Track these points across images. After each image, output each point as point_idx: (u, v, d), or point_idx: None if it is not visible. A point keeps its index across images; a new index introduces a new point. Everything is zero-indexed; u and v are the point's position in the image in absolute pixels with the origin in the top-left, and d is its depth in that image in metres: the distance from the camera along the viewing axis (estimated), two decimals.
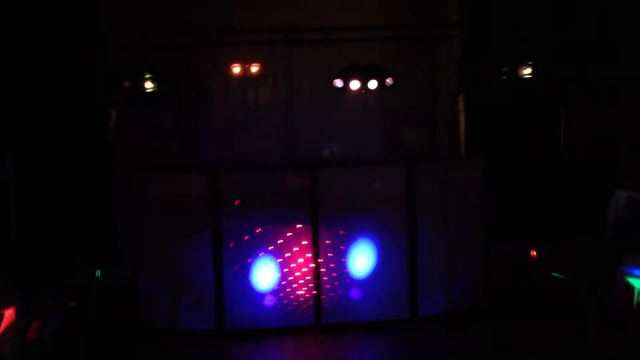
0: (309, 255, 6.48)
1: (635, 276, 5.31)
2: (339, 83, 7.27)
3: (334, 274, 6.52)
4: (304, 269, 6.50)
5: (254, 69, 8.34)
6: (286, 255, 6.48)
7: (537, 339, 5.95)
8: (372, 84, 7.42)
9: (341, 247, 6.53)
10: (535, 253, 6.89)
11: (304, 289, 6.51)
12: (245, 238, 6.39)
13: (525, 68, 7.30)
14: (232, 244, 6.36)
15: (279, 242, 6.45)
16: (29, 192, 7.55)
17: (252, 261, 6.42)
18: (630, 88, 8.43)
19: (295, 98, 8.63)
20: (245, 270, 6.42)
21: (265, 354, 6.09)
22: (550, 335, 5.99)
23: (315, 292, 6.47)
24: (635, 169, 8.25)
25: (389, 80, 7.53)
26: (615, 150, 8.63)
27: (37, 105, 7.65)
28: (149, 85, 7.64)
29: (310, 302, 6.48)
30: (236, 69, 8.29)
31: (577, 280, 6.55)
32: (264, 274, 6.45)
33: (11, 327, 4.29)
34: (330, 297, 6.53)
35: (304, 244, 6.48)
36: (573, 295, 6.06)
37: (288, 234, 6.47)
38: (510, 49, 7.71)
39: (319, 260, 6.47)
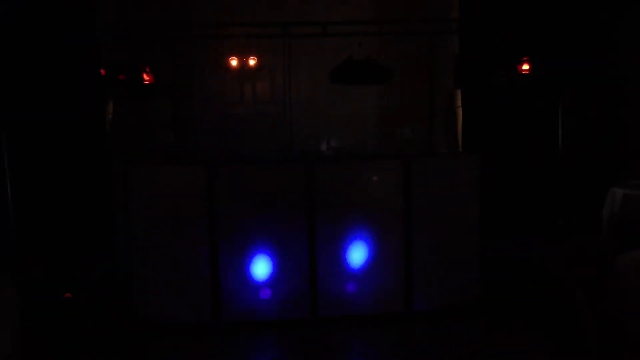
0: (304, 248, 6.48)
1: None
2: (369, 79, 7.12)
3: (329, 267, 6.52)
4: (300, 262, 6.50)
5: (252, 62, 8.36)
6: (282, 248, 6.48)
7: (531, 337, 5.95)
8: (370, 79, 7.43)
9: (337, 241, 6.52)
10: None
11: (299, 282, 6.51)
12: (241, 230, 6.38)
13: (524, 65, 7.31)
14: (227, 237, 6.35)
15: (275, 235, 6.45)
16: (24, 184, 7.52)
17: (249, 254, 6.42)
18: (629, 85, 8.42)
19: (292, 92, 8.66)
20: (241, 263, 6.42)
21: (261, 346, 6.09)
22: (544, 334, 6.00)
23: (310, 285, 6.47)
24: (632, 167, 8.26)
25: (386, 75, 7.55)
26: (614, 148, 8.63)
27: (32, 97, 7.60)
28: (146, 78, 7.64)
29: (306, 296, 6.49)
30: (233, 62, 8.31)
31: (572, 278, 6.58)
32: (260, 267, 6.46)
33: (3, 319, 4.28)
34: (326, 290, 6.53)
35: (300, 237, 6.47)
36: (568, 293, 6.10)
37: (284, 227, 6.45)
38: (509, 45, 7.73)
39: (315, 253, 6.47)
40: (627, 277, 5.17)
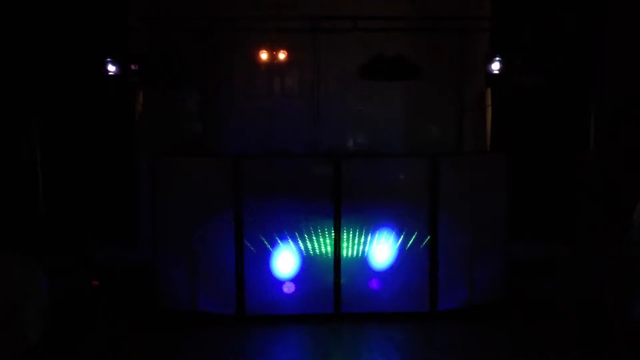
0: (329, 244, 6.46)
1: None
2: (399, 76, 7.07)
3: (354, 264, 6.50)
4: (325, 258, 6.49)
5: (281, 56, 8.34)
6: (307, 243, 6.48)
7: (556, 339, 5.88)
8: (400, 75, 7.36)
9: (362, 238, 6.51)
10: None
11: (324, 277, 6.50)
12: (267, 225, 6.39)
13: (556, 63, 7.19)
14: (252, 231, 6.36)
15: (300, 229, 6.45)
16: (54, 173, 7.63)
17: (273, 248, 6.43)
18: None
19: (321, 87, 8.62)
20: (265, 257, 6.44)
21: (284, 340, 6.10)
22: (568, 337, 5.93)
23: (335, 281, 6.46)
24: None
25: (416, 72, 7.47)
26: None
27: (63, 86, 7.71)
28: (176, 69, 7.67)
29: (331, 291, 6.48)
30: (263, 55, 8.30)
31: (603, 284, 6.48)
32: (285, 261, 6.47)
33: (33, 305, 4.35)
34: (350, 286, 6.52)
35: (325, 233, 6.47)
36: (597, 298, 6.01)
37: (309, 222, 6.45)
38: (541, 43, 7.59)
39: (340, 249, 6.45)
40: None
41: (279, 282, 6.48)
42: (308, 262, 6.50)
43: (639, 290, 5.32)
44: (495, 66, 7.32)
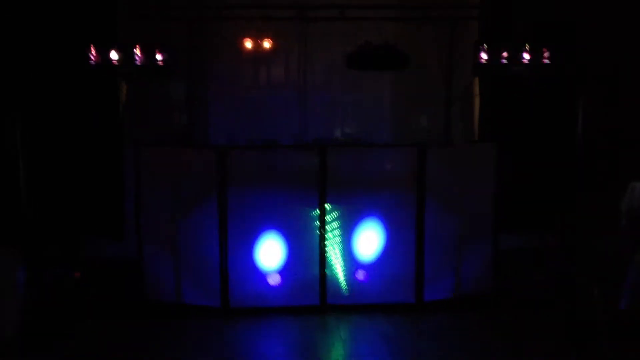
0: (315, 235, 6.41)
1: None
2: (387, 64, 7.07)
3: (340, 255, 6.46)
4: (311, 249, 6.45)
5: (268, 45, 8.26)
6: (292, 234, 6.42)
7: (542, 329, 5.88)
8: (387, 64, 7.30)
9: (348, 229, 6.47)
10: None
11: (309, 269, 6.46)
12: (252, 216, 6.33)
13: (544, 53, 7.13)
14: (237, 222, 6.30)
15: (285, 221, 6.39)
16: (37, 165, 7.52)
17: (258, 239, 6.37)
18: None
19: (308, 77, 8.55)
20: (250, 249, 6.38)
21: (269, 332, 6.06)
22: (554, 326, 5.92)
23: (320, 272, 6.41)
24: None
25: (404, 61, 7.41)
26: (634, 141, 8.42)
27: (45, 77, 7.58)
28: (160, 58, 7.56)
29: (316, 283, 6.44)
30: (249, 45, 8.21)
31: (587, 272, 6.46)
32: (270, 253, 6.41)
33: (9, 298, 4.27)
34: (336, 278, 6.47)
35: (311, 224, 6.41)
36: (583, 287, 5.99)
37: (295, 213, 6.40)
38: (531, 33, 7.53)
39: (325, 240, 6.40)
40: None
41: (264, 274, 6.43)
42: (294, 253, 6.45)
43: (626, 280, 5.33)
44: (484, 55, 7.26)
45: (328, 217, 6.41)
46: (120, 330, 5.94)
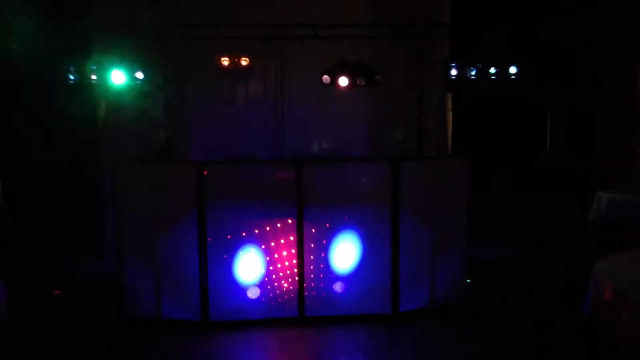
0: (293, 248, 6.56)
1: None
2: (326, 80, 7.34)
3: (317, 268, 6.60)
4: (289, 262, 6.59)
5: (244, 62, 8.42)
6: (271, 248, 6.55)
7: (508, 336, 6.05)
8: (360, 81, 7.52)
9: (325, 242, 6.60)
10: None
11: (288, 282, 6.59)
12: (231, 231, 6.45)
13: (510, 69, 7.41)
14: (216, 237, 6.41)
15: (264, 235, 6.52)
16: (15, 182, 7.55)
17: (237, 254, 6.48)
18: (614, 92, 8.51)
19: (285, 93, 8.73)
20: (229, 263, 6.49)
21: (249, 344, 6.15)
22: (522, 332, 6.11)
23: (299, 285, 6.54)
24: (618, 172, 8.37)
25: (377, 78, 7.63)
26: (600, 153, 8.72)
27: (23, 92, 7.64)
28: (139, 76, 7.69)
29: (294, 295, 6.57)
30: (225, 62, 8.36)
31: (547, 279, 6.70)
32: (249, 267, 6.53)
33: None
34: (314, 290, 6.61)
35: (289, 238, 6.55)
36: (544, 294, 6.23)
37: (273, 228, 6.53)
38: (498, 50, 7.82)
39: (303, 254, 6.54)
40: (602, 281, 5.29)
41: (244, 288, 6.54)
42: (272, 266, 6.57)
43: (587, 287, 5.53)
44: (454, 72, 7.52)
45: (305, 230, 6.53)
46: (101, 346, 5.97)
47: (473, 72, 7.54)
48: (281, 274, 6.61)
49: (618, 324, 4.95)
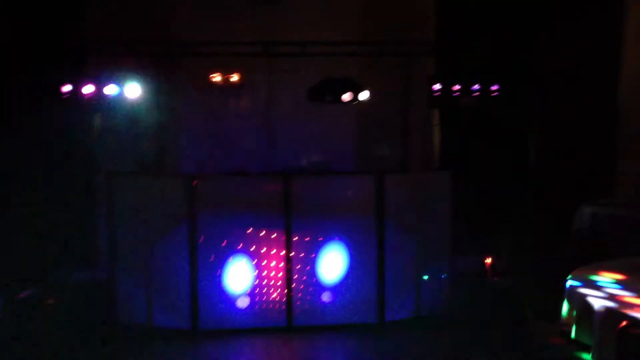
0: (281, 259, 6.71)
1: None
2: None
3: (305, 278, 6.74)
4: (277, 273, 6.73)
5: (234, 79, 8.61)
6: (260, 259, 6.70)
7: (494, 348, 6.14)
8: (347, 97, 7.72)
9: (313, 253, 6.76)
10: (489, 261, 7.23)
11: (276, 292, 6.73)
12: (220, 241, 6.59)
13: (493, 86, 7.63)
14: (206, 247, 6.56)
15: (253, 246, 6.67)
16: (10, 192, 7.67)
17: (227, 264, 6.63)
18: (596, 107, 8.72)
19: (274, 108, 8.92)
20: (219, 273, 6.62)
21: (237, 353, 6.26)
22: (501, 341, 6.23)
23: (287, 295, 6.68)
24: (601, 187, 8.56)
25: (363, 94, 7.84)
26: (583, 168, 8.90)
27: (18, 105, 7.79)
28: (131, 91, 7.85)
29: (283, 305, 6.71)
30: (216, 78, 8.55)
31: (524, 292, 6.87)
32: (238, 277, 6.67)
33: None
34: (302, 300, 6.75)
35: (278, 249, 6.71)
36: (522, 306, 6.39)
37: (262, 239, 6.68)
38: (481, 68, 8.05)
39: (291, 264, 6.69)
40: (575, 290, 5.48)
41: (233, 297, 6.67)
42: (261, 277, 6.71)
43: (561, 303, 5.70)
44: (438, 88, 7.74)
45: (293, 241, 6.69)
46: (92, 353, 6.06)
47: (457, 88, 7.75)
48: (270, 283, 6.75)
49: (590, 331, 5.13)
